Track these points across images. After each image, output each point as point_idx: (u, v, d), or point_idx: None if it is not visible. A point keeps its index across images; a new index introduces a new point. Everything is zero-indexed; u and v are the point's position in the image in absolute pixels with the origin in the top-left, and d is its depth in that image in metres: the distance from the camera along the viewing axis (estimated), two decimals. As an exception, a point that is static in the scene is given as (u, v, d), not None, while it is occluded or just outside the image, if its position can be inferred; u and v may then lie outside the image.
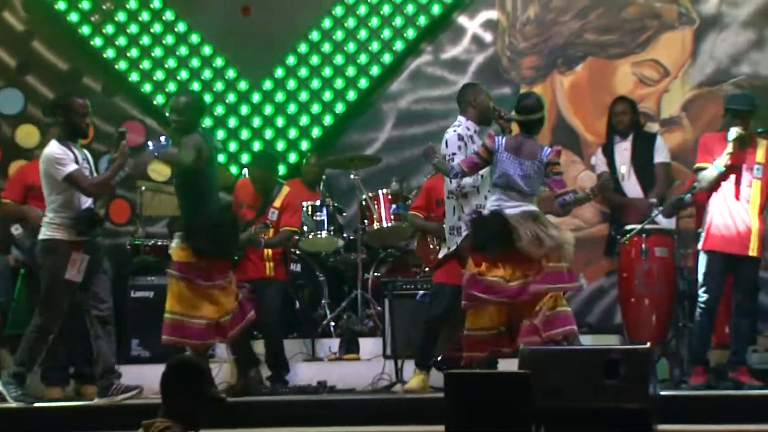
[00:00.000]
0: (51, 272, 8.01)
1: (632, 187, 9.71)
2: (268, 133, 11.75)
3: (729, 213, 8.29)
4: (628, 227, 9.08)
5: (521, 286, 7.74)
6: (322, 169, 10.85)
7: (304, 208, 9.94)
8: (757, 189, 8.29)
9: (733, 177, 8.31)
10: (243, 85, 11.82)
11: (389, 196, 9.92)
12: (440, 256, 8.73)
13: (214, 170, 8.68)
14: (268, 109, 11.78)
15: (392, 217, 9.87)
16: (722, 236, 8.28)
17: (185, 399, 4.75)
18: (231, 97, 11.81)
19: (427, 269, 9.44)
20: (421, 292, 9.28)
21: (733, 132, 8.24)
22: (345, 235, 10.32)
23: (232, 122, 11.79)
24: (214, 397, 4.81)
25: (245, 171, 10.21)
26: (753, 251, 8.26)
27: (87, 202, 8.11)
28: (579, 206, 8.44)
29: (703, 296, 8.36)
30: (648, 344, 6.28)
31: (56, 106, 8.34)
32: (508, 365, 7.87)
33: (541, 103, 8.12)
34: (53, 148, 8.07)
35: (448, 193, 8.28)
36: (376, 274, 10.25)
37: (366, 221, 10.01)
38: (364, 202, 10.05)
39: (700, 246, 8.43)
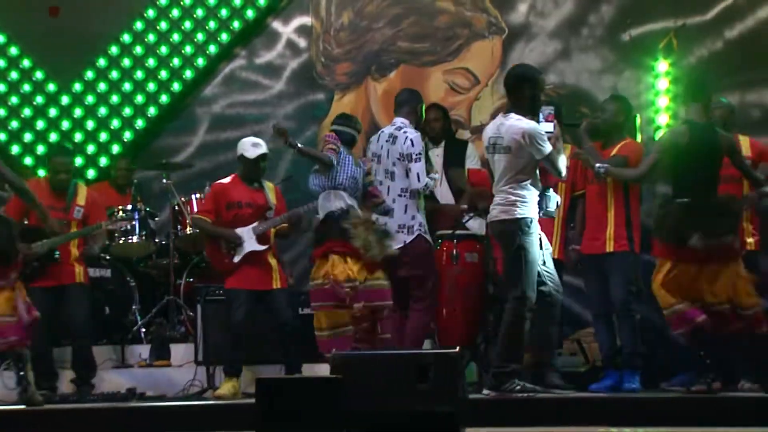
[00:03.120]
0: (530, 252, 7.49)
1: (444, 193, 9.80)
2: (78, 136, 11.53)
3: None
4: (439, 233, 9.18)
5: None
6: (131, 173, 10.70)
7: (116, 212, 9.80)
8: (560, 192, 8.44)
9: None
10: (51, 87, 11.58)
11: (202, 201, 9.83)
12: (235, 260, 8.72)
13: None
14: (77, 112, 11.57)
15: (205, 222, 9.78)
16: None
17: None
18: (39, 99, 11.56)
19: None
20: (233, 298, 9.23)
21: None
22: (157, 240, 10.19)
23: (40, 124, 11.53)
24: None
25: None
26: (554, 254, 8.41)
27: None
28: None
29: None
30: (458, 348, 6.35)
31: (524, 78, 7.72)
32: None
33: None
34: (532, 123, 7.51)
35: (400, 191, 8.30)
36: (188, 279, 10.16)
37: (179, 226, 9.91)
38: (176, 207, 9.94)
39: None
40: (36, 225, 8.86)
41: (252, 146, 8.83)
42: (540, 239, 7.63)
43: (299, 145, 8.33)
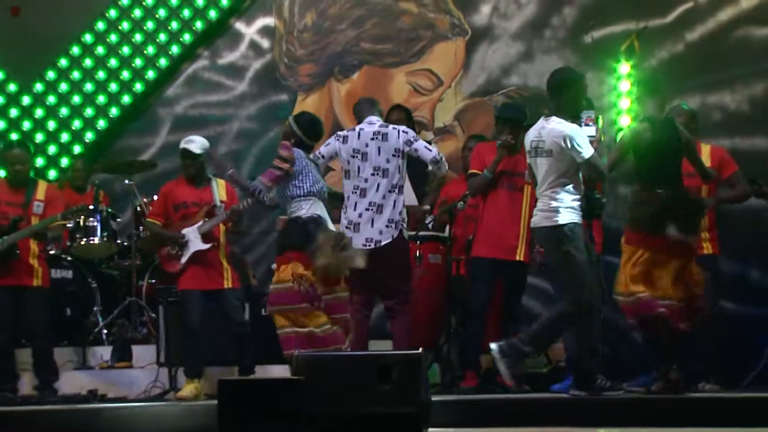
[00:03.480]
0: (577, 256, 7.44)
1: (407, 194, 9.80)
2: (39, 137, 11.46)
3: (498, 219, 8.48)
4: (403, 234, 9.19)
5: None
6: (89, 174, 10.63)
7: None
8: (527, 194, 8.49)
9: (503, 183, 8.50)
10: (12, 87, 11.52)
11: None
12: (182, 261, 8.71)
13: None
14: (39, 112, 11.51)
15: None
16: (490, 242, 8.46)
17: None
18: (0, 100, 11.47)
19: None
20: (195, 299, 9.19)
21: (499, 140, 8.46)
22: (119, 241, 10.13)
23: (1, 125, 11.46)
24: None
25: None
26: (520, 256, 8.46)
27: None
28: None
29: (473, 301, 8.54)
30: (420, 349, 6.35)
31: (567, 82, 7.64)
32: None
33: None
34: (573, 126, 7.46)
35: (391, 187, 8.26)
36: (150, 280, 10.11)
37: (141, 227, 9.87)
38: (139, 208, 9.90)
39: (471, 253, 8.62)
40: None
41: (183, 143, 8.88)
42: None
43: (232, 175, 8.18)
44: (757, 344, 8.95)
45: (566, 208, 7.46)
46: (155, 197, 9.78)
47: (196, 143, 8.86)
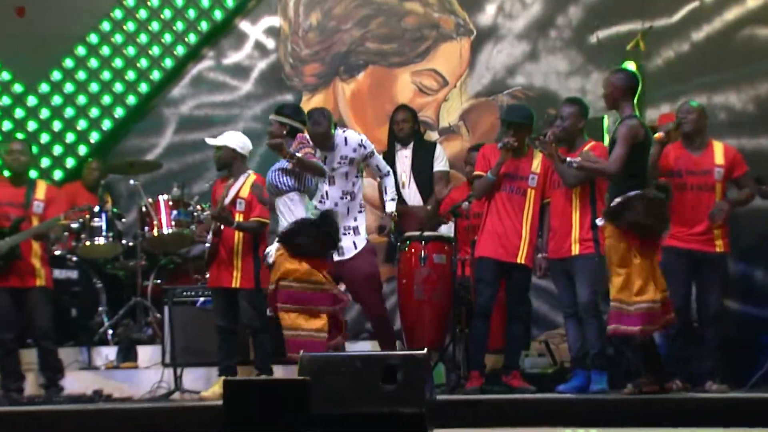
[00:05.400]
0: None
1: (412, 195, 9.84)
2: (45, 137, 11.46)
3: (501, 221, 8.46)
4: (408, 234, 9.19)
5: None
6: (103, 174, 10.67)
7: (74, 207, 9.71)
8: (531, 198, 8.48)
9: (506, 186, 8.48)
10: (18, 88, 11.50)
11: (170, 202, 9.80)
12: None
13: None
14: (44, 113, 11.51)
15: (173, 223, 9.75)
16: (493, 243, 8.43)
17: None
18: (5, 100, 11.48)
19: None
20: (201, 299, 9.21)
21: (501, 142, 8.45)
22: (124, 241, 10.14)
23: (7, 125, 11.45)
24: None
25: None
26: (522, 259, 8.43)
27: None
28: None
29: (477, 302, 8.53)
30: (425, 350, 6.34)
31: None
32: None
33: None
34: None
35: (342, 194, 8.23)
36: (156, 281, 10.13)
37: (146, 227, 9.88)
38: (144, 208, 9.91)
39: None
40: None
41: None
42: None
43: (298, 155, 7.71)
44: (763, 344, 8.94)
45: None
46: (160, 197, 9.80)
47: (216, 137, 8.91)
